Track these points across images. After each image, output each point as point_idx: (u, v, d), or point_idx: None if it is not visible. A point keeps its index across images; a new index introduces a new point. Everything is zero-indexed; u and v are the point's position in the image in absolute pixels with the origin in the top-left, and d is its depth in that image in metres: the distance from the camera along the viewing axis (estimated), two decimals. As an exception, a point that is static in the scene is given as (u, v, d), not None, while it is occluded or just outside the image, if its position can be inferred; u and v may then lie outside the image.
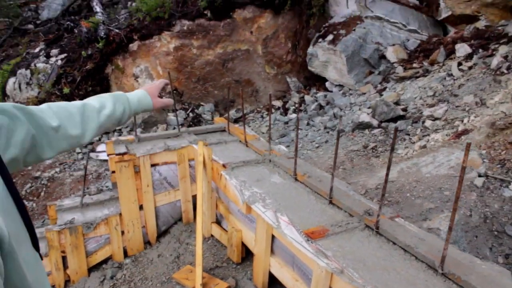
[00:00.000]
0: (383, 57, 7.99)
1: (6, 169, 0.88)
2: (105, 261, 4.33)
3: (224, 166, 3.81)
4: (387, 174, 2.42)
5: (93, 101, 1.45)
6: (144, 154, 4.25)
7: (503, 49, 5.75)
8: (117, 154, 4.22)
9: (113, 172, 4.36)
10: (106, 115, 1.44)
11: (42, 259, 1.03)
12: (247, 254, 3.71)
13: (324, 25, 8.78)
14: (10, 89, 9.32)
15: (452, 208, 2.02)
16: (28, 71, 9.07)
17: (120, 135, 7.90)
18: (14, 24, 12.14)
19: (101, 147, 7.32)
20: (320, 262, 2.36)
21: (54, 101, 7.86)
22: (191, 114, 8.49)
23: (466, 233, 3.07)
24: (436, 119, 5.01)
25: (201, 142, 4.07)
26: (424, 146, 4.46)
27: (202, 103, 8.86)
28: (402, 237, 2.48)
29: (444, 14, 8.08)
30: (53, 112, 1.28)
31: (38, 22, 12.32)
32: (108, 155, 4.76)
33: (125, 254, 4.42)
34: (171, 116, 8.25)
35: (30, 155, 1.17)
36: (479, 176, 3.49)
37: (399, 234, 2.52)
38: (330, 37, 8.27)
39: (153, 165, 4.38)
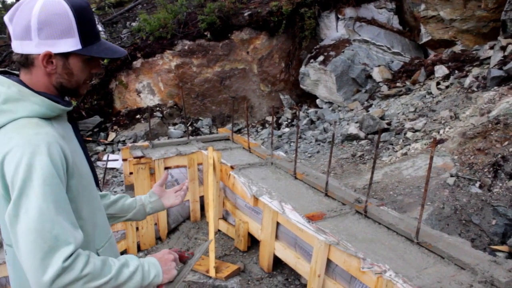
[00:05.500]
0: (369, 77, 8.70)
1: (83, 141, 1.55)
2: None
3: (232, 167, 4.36)
4: (373, 167, 3.00)
5: None
6: (159, 158, 4.78)
7: (475, 71, 6.48)
8: (135, 157, 4.75)
9: (131, 173, 4.89)
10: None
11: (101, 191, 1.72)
12: (252, 244, 4.24)
13: (315, 47, 9.49)
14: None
15: (424, 190, 2.61)
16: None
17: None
18: (15, 41, 12.53)
19: (106, 157, 7.80)
20: (319, 237, 2.92)
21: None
22: (190, 128, 9.05)
23: (440, 221, 3.67)
24: (416, 131, 5.66)
25: (210, 148, 4.63)
26: (405, 154, 5.09)
27: (200, 118, 9.43)
28: (386, 218, 3.06)
29: (424, 38, 8.85)
30: None
31: (39, 39, 12.75)
32: (123, 159, 5.29)
33: (138, 249, 4.89)
34: (171, 129, 8.80)
35: None
36: (451, 176, 4.11)
37: (383, 216, 3.10)
38: (321, 58, 8.97)
39: (166, 168, 4.90)
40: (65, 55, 1.36)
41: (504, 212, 3.74)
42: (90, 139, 8.66)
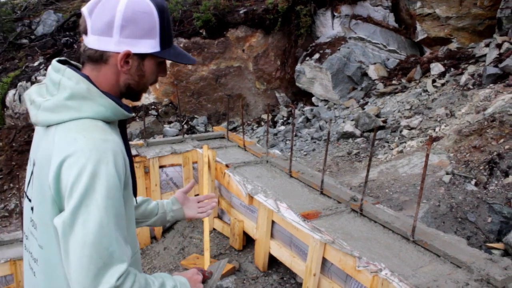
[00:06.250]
0: (365, 74, 8.68)
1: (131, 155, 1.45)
2: (115, 254, 4.76)
3: (227, 166, 4.33)
4: (369, 165, 2.98)
5: None
6: (154, 156, 4.75)
7: (471, 68, 6.48)
8: (129, 156, 4.70)
9: (125, 172, 4.85)
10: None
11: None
12: (247, 243, 4.21)
13: (311, 45, 9.47)
14: (9, 101, 9.68)
15: (420, 188, 2.59)
16: (29, 84, 9.47)
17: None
18: (9, 38, 12.40)
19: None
20: (315, 236, 2.90)
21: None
22: (185, 126, 9.00)
23: (435, 219, 3.66)
24: (412, 128, 5.66)
25: (206, 146, 4.60)
26: (401, 151, 5.08)
27: (196, 116, 9.38)
28: (381, 216, 3.04)
29: (420, 36, 8.85)
30: None
31: (32, 37, 12.64)
32: (118, 158, 5.24)
33: (134, 248, 4.86)
34: (167, 128, 8.75)
35: None
36: (447, 174, 4.11)
37: (379, 214, 3.08)
38: (316, 55, 8.95)
39: (161, 167, 4.87)
40: (142, 56, 1.28)
41: (500, 210, 3.73)
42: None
